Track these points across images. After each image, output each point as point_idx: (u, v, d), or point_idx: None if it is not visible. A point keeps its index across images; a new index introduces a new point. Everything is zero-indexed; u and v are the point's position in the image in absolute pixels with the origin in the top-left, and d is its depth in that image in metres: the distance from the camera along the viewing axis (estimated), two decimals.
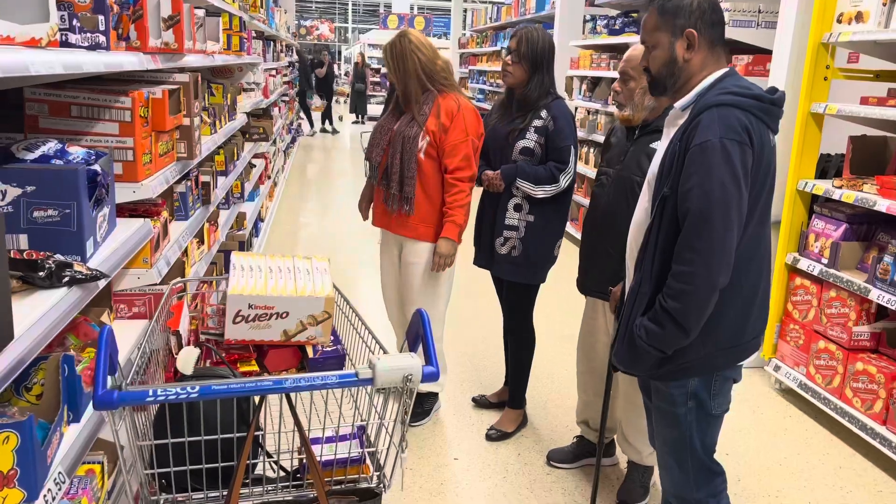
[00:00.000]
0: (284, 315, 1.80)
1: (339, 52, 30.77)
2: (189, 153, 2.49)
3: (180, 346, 1.83)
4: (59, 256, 1.46)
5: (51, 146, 1.63)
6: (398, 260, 3.04)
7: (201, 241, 3.02)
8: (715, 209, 1.62)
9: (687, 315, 1.68)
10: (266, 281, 1.82)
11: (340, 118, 17.87)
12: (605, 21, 6.34)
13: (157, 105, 2.12)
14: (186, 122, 2.44)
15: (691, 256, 1.65)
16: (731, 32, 4.12)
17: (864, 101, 3.21)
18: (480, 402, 3.41)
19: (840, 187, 3.22)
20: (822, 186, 3.33)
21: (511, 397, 3.19)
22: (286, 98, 9.83)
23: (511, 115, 2.92)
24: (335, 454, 1.60)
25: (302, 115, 14.49)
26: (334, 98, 16.00)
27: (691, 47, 1.75)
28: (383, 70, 11.39)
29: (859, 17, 3.12)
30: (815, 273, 3.34)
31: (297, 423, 1.47)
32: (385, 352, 1.61)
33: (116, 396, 1.22)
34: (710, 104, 1.67)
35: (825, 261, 3.32)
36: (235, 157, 4.00)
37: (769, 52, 3.84)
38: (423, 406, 3.25)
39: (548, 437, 3.14)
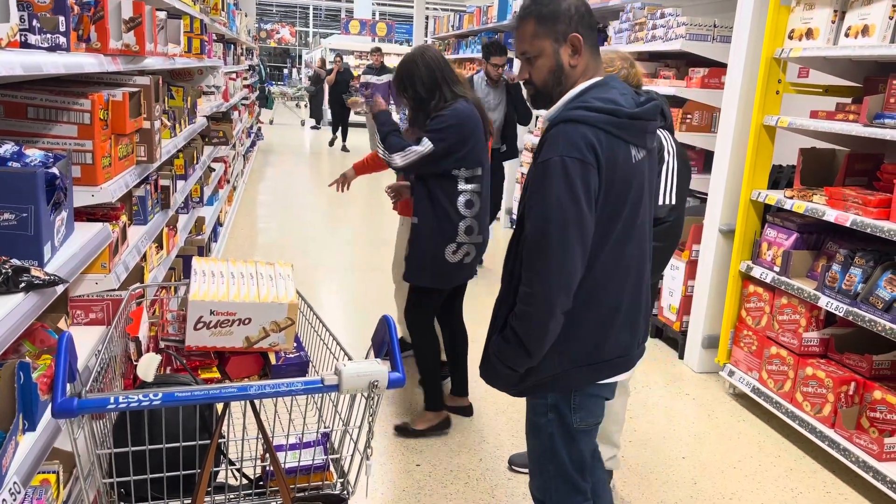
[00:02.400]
0: (247, 321, 1.78)
1: (300, 56, 30.54)
2: (149, 157, 2.45)
3: (139, 353, 1.80)
4: (15, 261, 1.43)
5: (7, 148, 1.59)
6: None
7: (160, 246, 2.97)
8: (552, 229, 1.58)
9: (528, 336, 1.66)
10: (228, 287, 1.80)
11: (302, 123, 17.71)
12: None
13: (116, 107, 2.09)
14: (147, 125, 2.40)
15: (530, 277, 1.63)
16: (687, 46, 4.24)
17: (814, 114, 3.33)
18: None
19: (791, 198, 3.33)
20: (774, 197, 3.44)
21: (425, 398, 3.24)
22: (246, 102, 9.72)
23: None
24: (299, 461, 1.59)
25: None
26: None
27: (576, 52, 1.69)
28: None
29: (809, 33, 3.24)
30: (768, 281, 3.45)
31: (262, 430, 1.46)
32: (350, 358, 1.61)
33: (76, 404, 1.19)
34: (560, 119, 1.63)
35: (777, 269, 3.42)
36: (195, 161, 3.94)
37: (724, 66, 3.95)
38: (443, 371, 3.42)
39: (509, 441, 3.17)
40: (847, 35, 3.06)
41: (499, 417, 3.38)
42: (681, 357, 4.21)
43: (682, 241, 4.20)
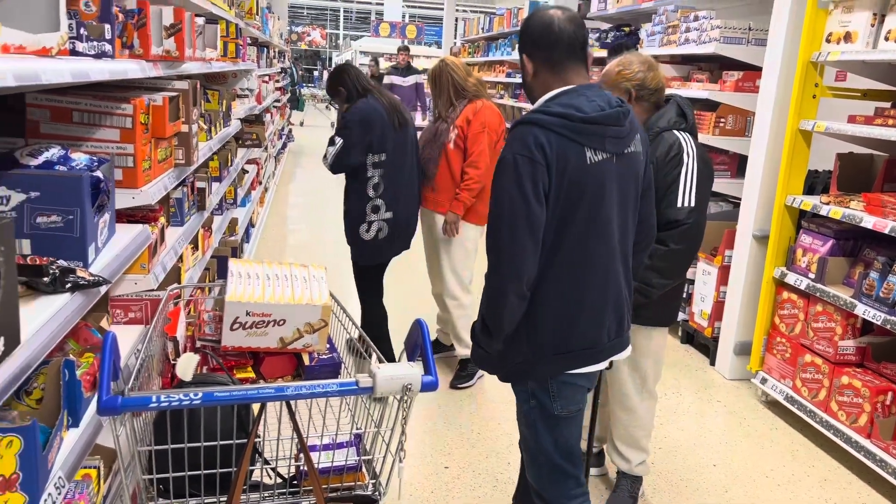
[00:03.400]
0: (281, 322, 1.81)
1: (330, 59, 30.80)
2: (187, 159, 2.50)
3: (177, 353, 1.84)
4: (62, 262, 1.47)
5: (54, 152, 1.64)
6: (433, 231, 3.69)
7: (196, 247, 3.03)
8: (502, 221, 1.74)
9: (488, 317, 1.83)
10: (264, 288, 1.83)
11: (332, 124, 17.81)
12: (597, 35, 6.41)
13: (157, 112, 2.13)
14: (185, 128, 2.45)
15: (489, 265, 1.81)
16: (721, 49, 4.19)
17: (852, 119, 3.27)
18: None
19: (827, 203, 3.27)
20: (809, 202, 3.39)
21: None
22: (278, 104, 9.84)
23: None
24: (332, 462, 1.61)
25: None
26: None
27: (528, 71, 1.88)
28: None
29: (848, 37, 3.19)
30: (802, 287, 3.39)
31: (297, 430, 1.48)
32: (381, 360, 1.63)
33: (120, 402, 1.23)
34: (519, 121, 1.78)
35: (812, 275, 3.37)
36: (229, 163, 4.00)
37: (759, 69, 3.90)
38: (468, 369, 3.73)
39: None
40: (887, 38, 3.00)
41: None
42: (712, 363, 4.16)
43: (713, 246, 4.16)
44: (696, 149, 2.43)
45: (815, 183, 3.71)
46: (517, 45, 1.93)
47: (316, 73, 29.45)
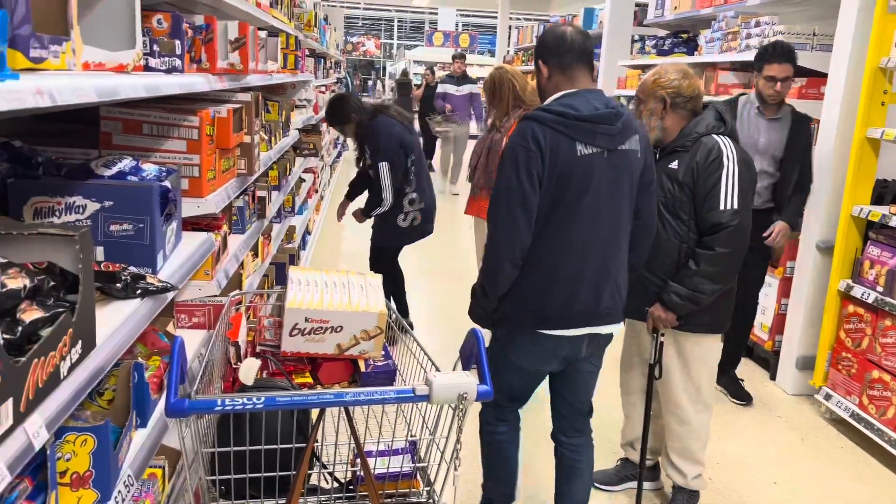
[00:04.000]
0: (339, 329, 1.84)
1: (384, 68, 31.19)
2: (249, 169, 2.57)
3: (239, 357, 1.89)
4: (133, 269, 1.53)
5: (126, 163, 1.71)
6: (485, 239, 3.79)
7: (256, 254, 3.10)
8: (501, 198, 2.05)
9: (485, 279, 2.16)
10: (322, 296, 1.87)
11: None
12: (654, 41, 6.33)
13: (221, 124, 2.20)
14: (247, 139, 2.52)
15: (488, 236, 2.12)
16: None
17: None
18: None
19: None
20: (878, 212, 3.27)
21: None
22: None
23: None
24: (388, 468, 1.64)
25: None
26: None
27: (544, 74, 2.15)
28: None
29: None
30: (870, 301, 3.27)
31: (355, 435, 1.51)
32: (437, 368, 1.65)
33: (188, 405, 1.27)
34: (524, 117, 2.08)
35: (881, 289, 3.25)
36: (288, 173, 4.10)
37: (823, 75, 3.79)
38: None
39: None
40: None
41: None
42: (772, 378, 4.05)
43: (774, 258, 4.05)
44: (736, 152, 2.42)
45: (883, 193, 3.58)
46: (534, 54, 2.19)
47: (370, 83, 29.84)
